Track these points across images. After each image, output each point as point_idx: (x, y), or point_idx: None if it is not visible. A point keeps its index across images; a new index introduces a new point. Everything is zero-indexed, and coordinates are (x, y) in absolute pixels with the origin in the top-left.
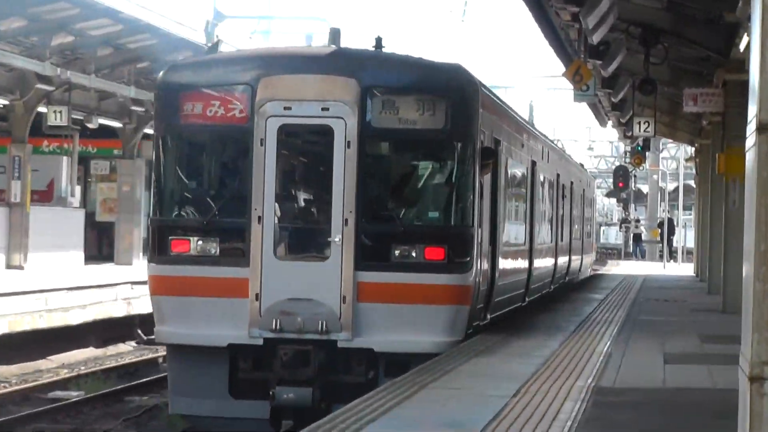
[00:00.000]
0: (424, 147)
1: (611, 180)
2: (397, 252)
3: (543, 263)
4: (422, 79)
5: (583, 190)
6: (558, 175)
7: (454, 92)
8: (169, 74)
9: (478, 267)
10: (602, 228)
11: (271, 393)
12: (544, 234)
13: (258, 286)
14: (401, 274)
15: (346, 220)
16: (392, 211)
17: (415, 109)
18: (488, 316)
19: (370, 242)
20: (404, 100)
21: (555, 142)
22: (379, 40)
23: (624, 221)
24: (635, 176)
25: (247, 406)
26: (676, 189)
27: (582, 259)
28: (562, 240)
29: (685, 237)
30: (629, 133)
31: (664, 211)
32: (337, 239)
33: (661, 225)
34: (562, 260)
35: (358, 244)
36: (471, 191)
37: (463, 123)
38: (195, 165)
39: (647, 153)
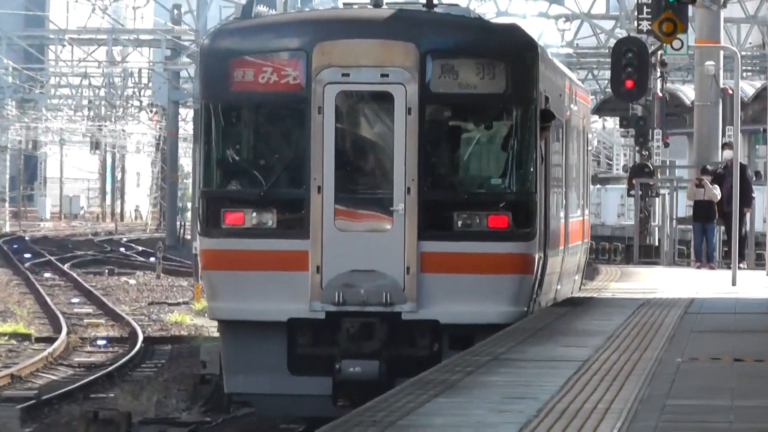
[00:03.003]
0: (485, 112)
1: (605, 74)
2: (459, 221)
3: (575, 241)
4: (481, 42)
5: (581, 120)
6: (584, 123)
7: (514, 55)
8: (216, 39)
9: (541, 235)
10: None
11: (336, 367)
12: (573, 204)
13: (319, 258)
14: (464, 243)
15: (409, 188)
16: (454, 178)
17: (475, 72)
18: (539, 292)
19: (432, 211)
20: (464, 64)
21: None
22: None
23: (637, 171)
24: (664, 65)
25: (307, 382)
26: (761, 95)
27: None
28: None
29: None
30: None
31: (725, 143)
32: (399, 208)
33: (718, 179)
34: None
35: (421, 213)
36: (533, 156)
37: (524, 86)
38: (247, 134)
39: (689, 9)
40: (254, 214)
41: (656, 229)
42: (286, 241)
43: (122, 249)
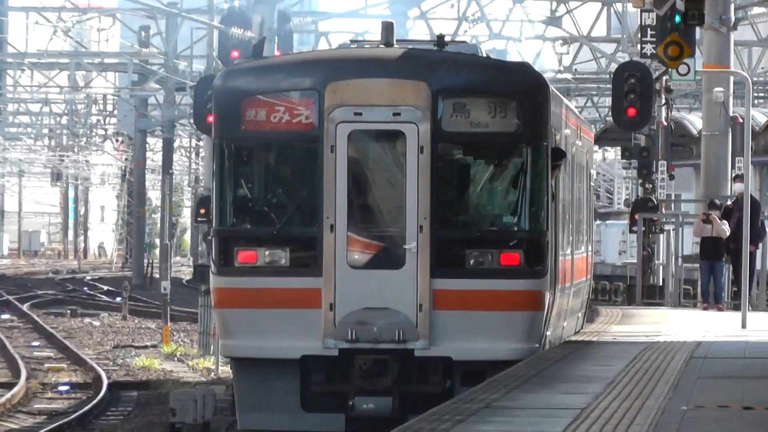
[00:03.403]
0: (496, 150)
1: (606, 101)
2: (471, 259)
3: (579, 278)
4: (492, 81)
5: (585, 155)
6: (587, 158)
7: (525, 93)
8: (228, 79)
9: (552, 273)
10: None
11: (350, 403)
12: (578, 240)
13: (332, 296)
14: (476, 281)
15: (421, 227)
16: (466, 216)
17: (486, 111)
18: (548, 330)
19: (444, 249)
20: (475, 103)
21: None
22: (441, 38)
23: (640, 205)
24: (669, 91)
25: (320, 419)
26: None
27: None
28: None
29: None
30: None
31: (735, 176)
32: (412, 246)
33: (726, 213)
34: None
35: (433, 250)
36: (544, 194)
37: (535, 125)
38: (260, 173)
39: (697, 32)
40: (267, 253)
41: (660, 267)
42: (299, 279)
43: (86, 288)
